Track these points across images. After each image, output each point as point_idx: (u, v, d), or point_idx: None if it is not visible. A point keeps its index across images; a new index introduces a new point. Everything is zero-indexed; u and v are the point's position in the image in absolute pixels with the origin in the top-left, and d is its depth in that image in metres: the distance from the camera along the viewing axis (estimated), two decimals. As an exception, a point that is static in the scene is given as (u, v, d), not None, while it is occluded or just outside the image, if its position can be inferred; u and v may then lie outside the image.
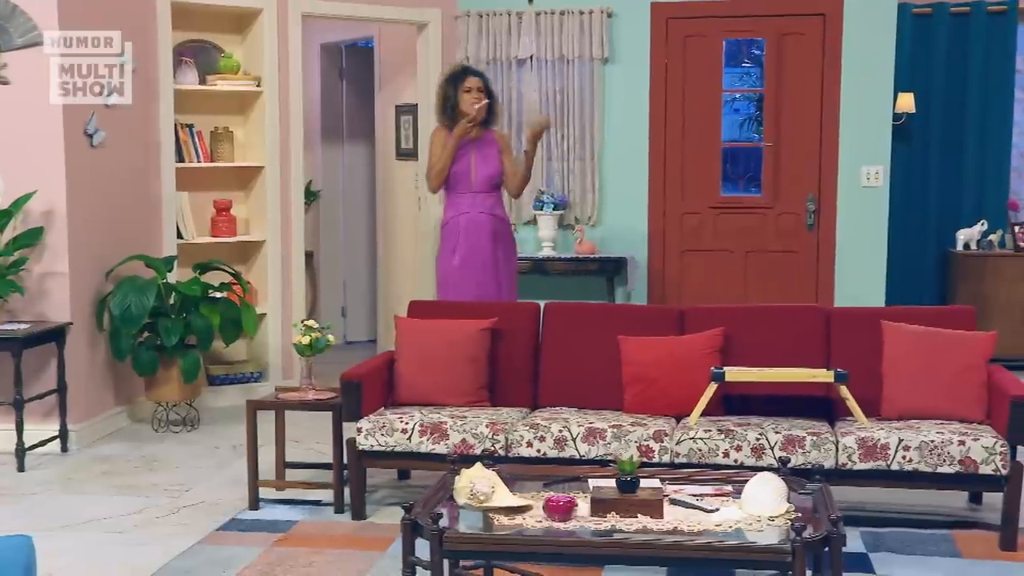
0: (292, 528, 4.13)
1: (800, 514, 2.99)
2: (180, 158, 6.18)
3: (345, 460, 4.30)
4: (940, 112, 7.22)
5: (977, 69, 7.15)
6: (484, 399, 4.49)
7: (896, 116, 7.01)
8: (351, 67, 8.30)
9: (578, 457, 4.06)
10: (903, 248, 7.31)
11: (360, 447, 4.22)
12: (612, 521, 2.95)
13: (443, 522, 2.87)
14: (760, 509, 2.99)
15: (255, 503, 4.36)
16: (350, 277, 8.45)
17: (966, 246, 7.10)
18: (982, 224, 7.09)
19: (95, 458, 5.13)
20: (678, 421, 4.22)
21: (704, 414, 4.20)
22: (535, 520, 2.97)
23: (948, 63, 7.19)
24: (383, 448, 4.21)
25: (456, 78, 5.38)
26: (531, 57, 6.84)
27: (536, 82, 6.86)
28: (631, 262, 6.77)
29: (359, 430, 4.22)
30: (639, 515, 2.97)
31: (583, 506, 3.04)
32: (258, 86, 6.37)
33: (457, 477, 3.13)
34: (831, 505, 3.04)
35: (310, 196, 8.26)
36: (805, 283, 6.80)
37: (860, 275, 6.73)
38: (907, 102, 7.03)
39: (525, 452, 4.11)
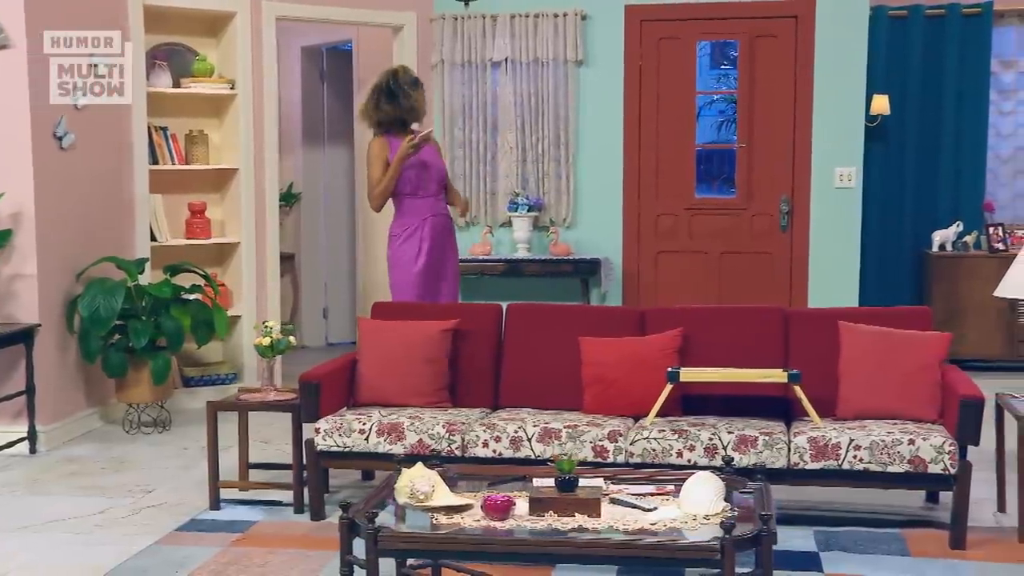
0: (251, 528, 4.16)
1: (736, 513, 3.02)
2: (154, 161, 6.22)
3: (305, 461, 4.32)
4: (916, 114, 7.24)
5: (952, 71, 7.18)
6: (445, 400, 4.52)
7: (871, 118, 7.04)
8: (332, 70, 8.33)
9: (533, 457, 4.08)
10: (879, 249, 7.34)
11: (318, 448, 4.25)
12: (549, 520, 2.98)
13: (382, 521, 2.89)
14: (697, 508, 3.02)
15: (216, 503, 4.39)
16: (331, 279, 8.48)
17: (941, 247, 7.12)
18: (958, 225, 7.11)
19: (63, 459, 5.16)
20: (636, 421, 4.25)
21: (662, 414, 4.22)
22: (473, 519, 3.00)
23: (924, 65, 7.21)
24: (341, 448, 4.23)
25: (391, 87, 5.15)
26: (506, 59, 6.87)
27: (511, 84, 6.89)
28: (605, 263, 6.80)
29: (317, 431, 4.25)
30: (576, 514, 3.00)
31: (522, 505, 3.06)
32: (232, 89, 6.41)
33: (398, 477, 3.15)
34: (768, 504, 3.06)
35: (291, 198, 8.31)
36: (779, 284, 6.83)
37: (833, 276, 6.75)
38: (882, 104, 7.05)
39: (481, 452, 4.14)
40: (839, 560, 3.76)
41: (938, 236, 7.13)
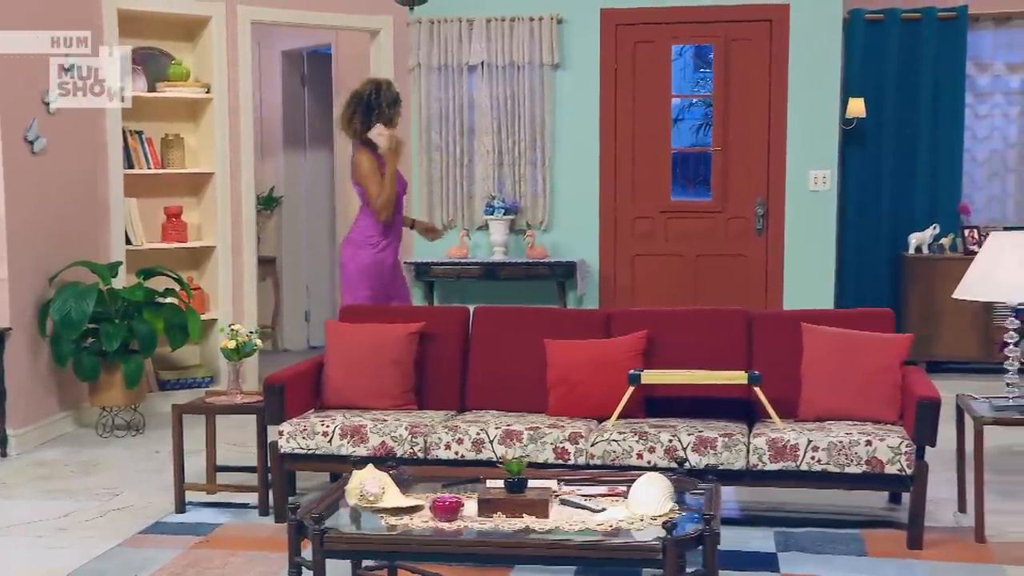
0: (214, 531, 4.17)
1: (684, 514, 3.04)
2: (130, 165, 6.24)
3: (269, 463, 4.34)
4: (893, 117, 7.27)
5: (928, 74, 7.21)
6: (411, 402, 4.54)
7: (847, 121, 7.07)
8: (313, 74, 8.36)
9: (495, 459, 4.09)
10: (857, 251, 7.37)
11: (282, 450, 4.26)
12: (497, 521, 3.00)
13: (334, 523, 2.91)
14: (644, 509, 3.04)
15: (181, 506, 4.41)
16: (313, 282, 8.50)
17: (918, 249, 7.14)
18: (934, 228, 7.13)
19: (33, 463, 5.18)
20: (600, 423, 4.26)
21: (626, 416, 4.25)
22: (422, 520, 3.02)
23: (900, 68, 7.24)
24: (304, 451, 4.25)
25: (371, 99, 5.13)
26: (482, 63, 6.89)
27: (487, 88, 6.91)
28: (582, 266, 6.82)
29: (281, 433, 4.27)
30: (525, 515, 3.02)
31: (471, 506, 3.08)
32: (208, 93, 6.43)
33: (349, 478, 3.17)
34: (716, 505, 3.08)
35: (272, 202, 8.33)
36: (755, 287, 6.85)
37: (809, 278, 6.78)
38: (858, 107, 7.08)
39: (443, 455, 4.16)
40: (796, 560, 3.78)
41: (914, 238, 7.16)
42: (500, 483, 3.17)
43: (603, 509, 3.09)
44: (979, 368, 6.93)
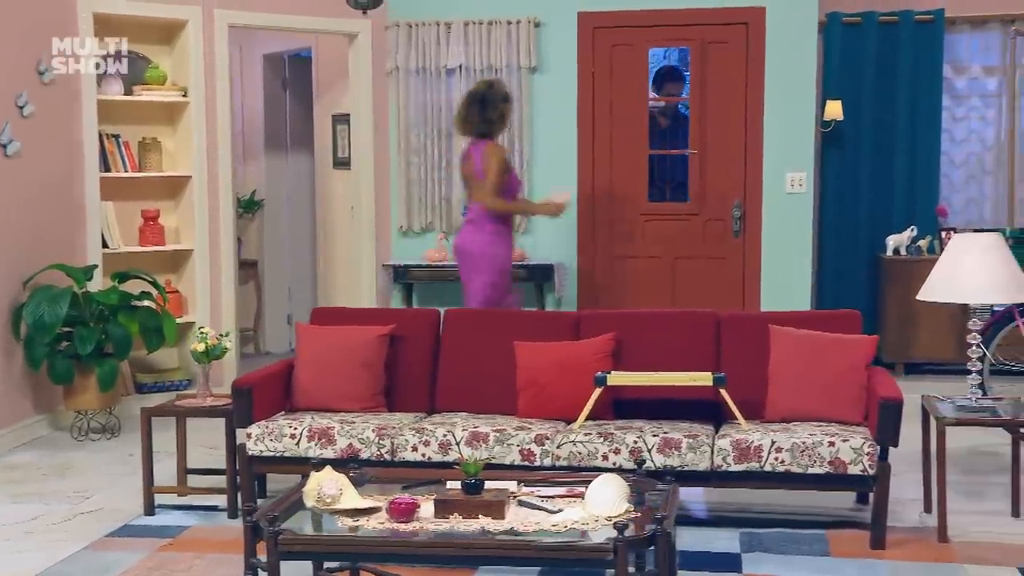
0: (182, 533, 4.18)
1: (639, 514, 3.05)
2: (106, 168, 6.25)
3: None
4: (871, 119, 7.29)
5: (906, 77, 7.23)
6: (380, 404, 4.55)
7: (825, 123, 7.09)
8: (294, 77, 8.36)
9: (471, 461, 4.10)
10: (835, 253, 7.39)
11: (250, 452, 4.27)
12: (453, 522, 3.01)
13: (293, 524, 2.92)
14: (600, 509, 3.05)
15: (150, 509, 4.42)
16: (295, 285, 8.50)
17: (896, 251, 7.16)
18: (911, 230, 7.15)
19: (6, 466, 5.18)
20: (569, 425, 4.28)
21: (594, 418, 4.26)
22: (378, 522, 3.03)
23: (878, 71, 7.26)
24: (272, 453, 4.26)
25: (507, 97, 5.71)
26: (460, 66, 6.90)
27: (465, 91, 6.89)
28: (559, 268, 6.83)
29: (249, 436, 4.28)
30: (481, 516, 3.03)
31: (428, 508, 3.09)
32: (185, 96, 6.44)
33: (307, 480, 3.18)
34: (672, 506, 3.10)
35: (254, 205, 8.34)
36: (732, 289, 6.86)
37: (786, 281, 6.79)
38: (835, 109, 7.10)
39: (410, 457, 4.17)
40: (759, 561, 3.80)
41: (892, 240, 7.18)
42: (459, 485, 3.18)
43: (560, 510, 3.11)
44: (956, 370, 6.92)
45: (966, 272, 4.00)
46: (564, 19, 6.85)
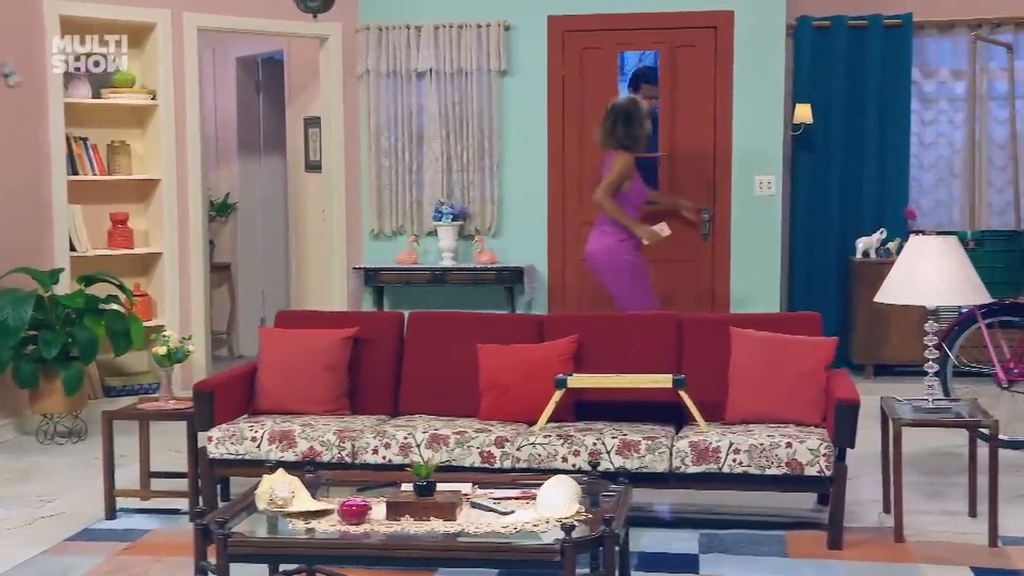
0: (142, 537, 4.17)
1: (590, 516, 3.06)
2: (74, 171, 6.23)
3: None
4: (840, 122, 7.34)
5: (875, 80, 7.28)
6: (344, 407, 4.55)
7: (795, 127, 7.13)
8: (267, 80, 8.36)
9: (422, 463, 4.10)
10: (806, 255, 7.43)
11: (211, 455, 4.27)
12: (404, 524, 3.02)
13: (247, 527, 2.92)
14: (551, 511, 3.06)
15: (112, 512, 4.40)
16: (268, 288, 8.49)
17: (865, 254, 7.20)
18: (881, 232, 7.19)
19: (-31, 470, 5.16)
20: (530, 427, 4.29)
21: (555, 420, 4.28)
22: (329, 524, 3.03)
23: (847, 74, 7.31)
24: (233, 456, 4.26)
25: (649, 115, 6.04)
26: (430, 70, 6.90)
27: (436, 94, 6.93)
28: (530, 271, 6.84)
29: (210, 439, 4.28)
30: (432, 518, 3.04)
31: (380, 510, 3.09)
32: (154, 99, 6.43)
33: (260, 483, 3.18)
34: (622, 507, 3.11)
35: (227, 208, 8.33)
36: (702, 291, 6.88)
37: (755, 283, 6.82)
38: (805, 112, 7.14)
39: (371, 459, 4.17)
40: (717, 562, 3.82)
41: (862, 243, 7.22)
42: (411, 487, 3.19)
43: (512, 512, 3.12)
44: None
45: (922, 275, 4.03)
46: (534, 22, 6.87)
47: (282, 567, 3.39)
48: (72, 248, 6.20)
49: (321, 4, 5.75)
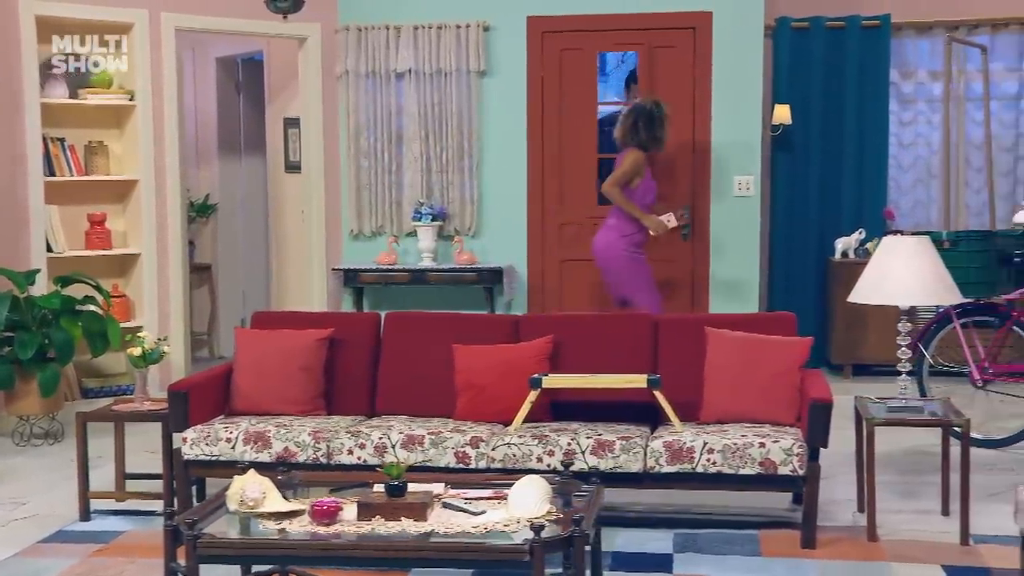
0: (116, 538, 4.16)
1: (561, 515, 3.07)
2: (51, 172, 6.21)
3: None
4: (819, 123, 7.37)
5: (853, 81, 7.31)
6: (320, 408, 4.55)
7: (774, 127, 7.16)
8: (248, 80, 8.33)
9: (394, 464, 4.10)
10: (786, 256, 7.45)
11: (185, 457, 4.26)
12: (375, 524, 3.02)
13: (219, 528, 2.92)
14: (522, 511, 3.07)
15: (86, 514, 4.39)
16: (249, 289, 8.47)
17: (844, 254, 7.23)
18: (860, 232, 7.22)
19: (-57, 472, 5.13)
20: (505, 427, 4.29)
21: (531, 420, 4.28)
22: (300, 525, 3.03)
23: (826, 75, 7.34)
24: (208, 457, 4.25)
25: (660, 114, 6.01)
26: (409, 70, 6.90)
27: (415, 95, 6.93)
28: (508, 272, 6.85)
29: (184, 440, 4.26)
30: (403, 518, 3.04)
31: (351, 510, 3.09)
32: (132, 100, 6.41)
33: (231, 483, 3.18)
34: (593, 507, 3.12)
35: (208, 209, 8.30)
36: (682, 292, 6.90)
37: (735, 283, 6.84)
38: (783, 113, 7.16)
39: (346, 460, 4.17)
40: (691, 561, 3.83)
41: (840, 243, 7.25)
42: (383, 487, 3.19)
43: (483, 512, 3.12)
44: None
45: (894, 275, 4.05)
46: (513, 23, 6.88)
47: (254, 568, 3.38)
48: (49, 249, 6.17)
49: (291, 4, 5.73)
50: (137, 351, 4.44)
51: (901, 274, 4.04)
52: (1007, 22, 7.31)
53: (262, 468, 4.09)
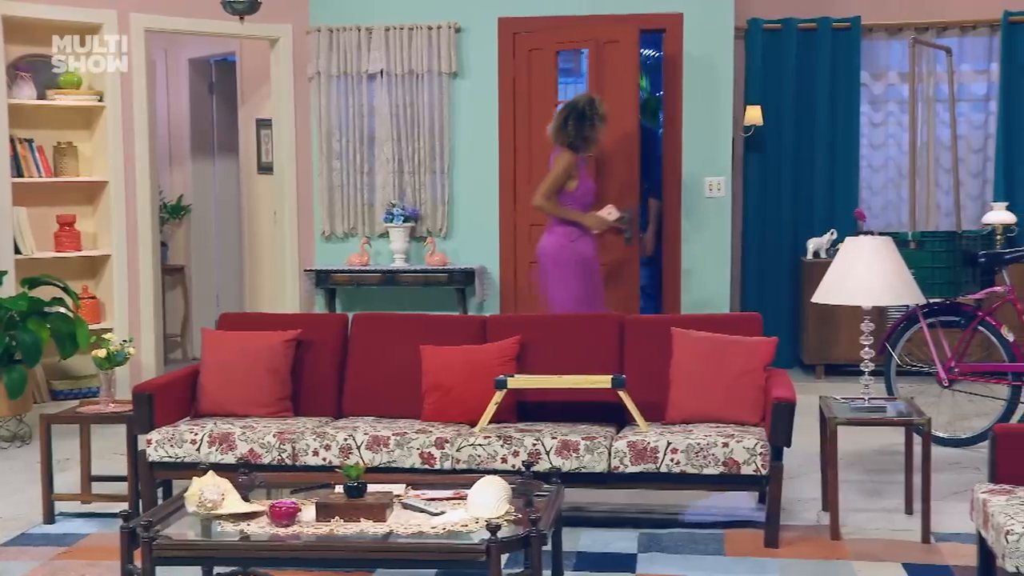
0: (80, 541, 4.14)
1: (520, 516, 3.07)
2: (19, 173, 6.17)
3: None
4: (791, 124, 7.40)
5: (825, 83, 7.35)
6: (286, 410, 4.53)
7: (746, 128, 7.18)
8: (220, 82, 8.31)
9: (352, 465, 4.09)
10: (758, 256, 7.48)
11: (150, 459, 4.24)
12: (333, 525, 3.01)
13: (177, 530, 2.91)
14: (481, 511, 3.07)
15: (50, 517, 4.36)
16: (223, 290, 8.45)
17: (816, 254, 7.27)
18: (832, 233, 7.26)
19: (-93, 475, 5.10)
20: (472, 428, 4.29)
21: (497, 421, 4.28)
22: (259, 526, 3.02)
23: (797, 76, 7.38)
24: (172, 459, 4.23)
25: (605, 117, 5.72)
26: (381, 72, 6.90)
27: (387, 96, 6.92)
28: (481, 273, 6.85)
29: (149, 442, 4.25)
30: (362, 519, 3.04)
31: (310, 511, 3.09)
32: (100, 101, 6.38)
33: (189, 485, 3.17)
34: (552, 507, 3.12)
35: (181, 210, 8.27)
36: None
37: (706, 284, 6.86)
38: (755, 114, 7.19)
39: (312, 461, 4.16)
40: (655, 561, 3.84)
41: (812, 244, 7.28)
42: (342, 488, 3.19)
43: (442, 512, 3.12)
44: (874, 371, 7.05)
45: (855, 275, 4.07)
46: (484, 24, 6.88)
47: (216, 570, 3.37)
48: (17, 251, 6.13)
49: (247, 6, 5.72)
50: (102, 353, 4.42)
51: (862, 274, 4.06)
52: (975, 24, 7.36)
53: (226, 470, 4.11)
